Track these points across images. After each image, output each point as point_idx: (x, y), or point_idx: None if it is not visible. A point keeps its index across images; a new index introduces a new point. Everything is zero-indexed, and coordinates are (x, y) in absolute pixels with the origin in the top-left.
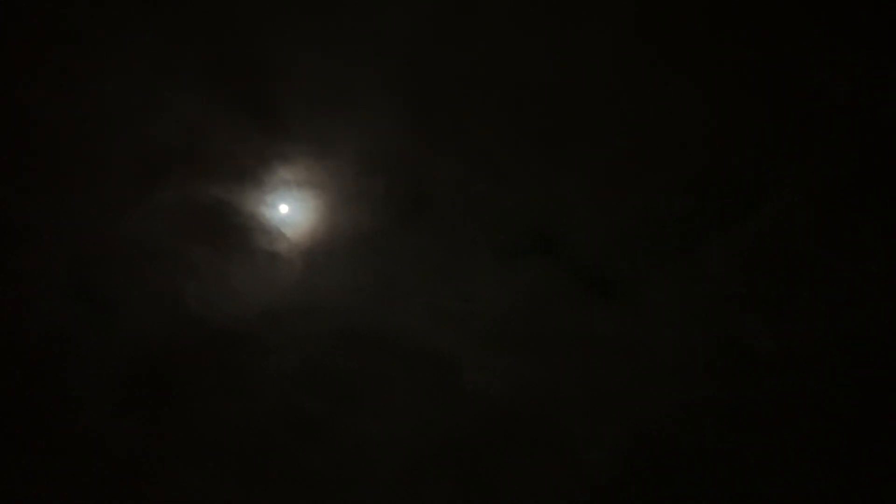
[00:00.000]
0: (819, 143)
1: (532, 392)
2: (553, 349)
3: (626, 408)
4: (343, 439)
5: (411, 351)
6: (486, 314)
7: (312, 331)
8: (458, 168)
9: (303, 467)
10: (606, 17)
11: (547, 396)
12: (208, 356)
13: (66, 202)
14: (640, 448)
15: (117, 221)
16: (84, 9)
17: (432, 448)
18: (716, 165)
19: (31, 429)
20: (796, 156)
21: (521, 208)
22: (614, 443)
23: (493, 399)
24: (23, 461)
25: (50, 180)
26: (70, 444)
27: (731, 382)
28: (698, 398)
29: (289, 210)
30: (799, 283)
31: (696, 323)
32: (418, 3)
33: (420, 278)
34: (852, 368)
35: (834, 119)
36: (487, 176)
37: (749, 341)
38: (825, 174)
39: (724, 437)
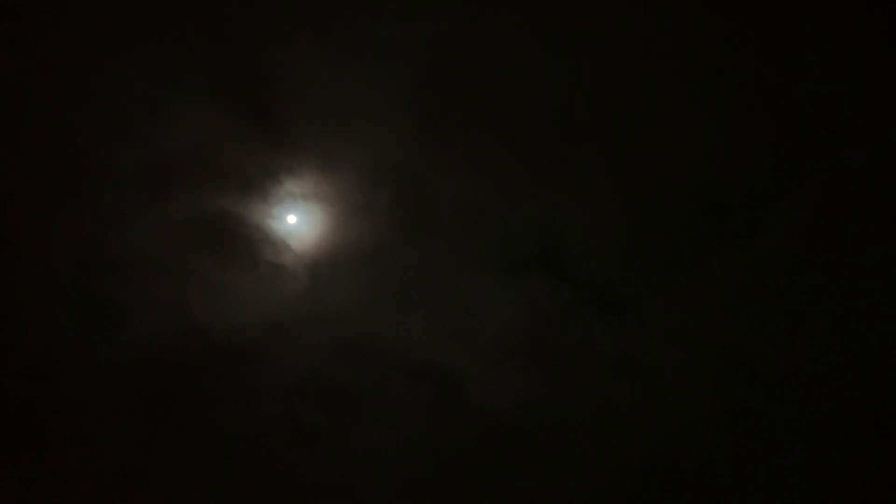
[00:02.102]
0: (823, 163)
1: (534, 406)
2: (556, 364)
3: (628, 422)
4: (345, 451)
5: (414, 364)
6: (489, 328)
7: (316, 342)
8: (463, 184)
9: (304, 478)
10: (612, 38)
11: (549, 410)
12: (211, 366)
13: (72, 211)
14: (643, 462)
15: (124, 231)
16: (94, 22)
17: (434, 460)
18: (720, 185)
19: (31, 435)
20: (800, 175)
21: (525, 224)
22: (616, 457)
23: (495, 412)
24: (23, 467)
25: (57, 190)
26: (71, 452)
27: (733, 399)
28: (700, 414)
29: (295, 222)
30: (802, 302)
31: (699, 340)
32: (426, 22)
33: (424, 292)
34: (854, 386)
35: (838, 139)
36: (492, 191)
37: (752, 358)
38: (828, 194)
39: (726, 452)
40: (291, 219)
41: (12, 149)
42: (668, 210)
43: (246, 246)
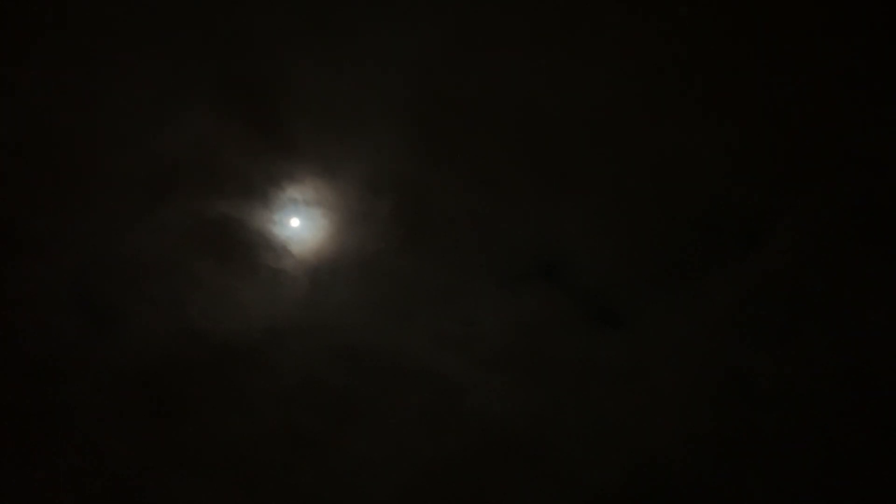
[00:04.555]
0: (822, 178)
1: (532, 417)
2: (554, 374)
3: (626, 436)
4: (342, 458)
5: (413, 372)
6: (488, 338)
7: (315, 349)
8: (464, 192)
9: (301, 485)
10: (616, 51)
11: (547, 421)
12: (210, 371)
13: (73, 214)
14: (640, 476)
15: (124, 234)
16: (94, 25)
17: (431, 470)
18: (721, 197)
19: (30, 439)
20: (800, 189)
21: (525, 233)
22: (614, 470)
23: (493, 422)
24: (21, 471)
25: (58, 192)
26: (68, 455)
27: (732, 413)
28: (699, 428)
29: (295, 228)
30: (802, 316)
31: (699, 353)
32: (428, 28)
33: (423, 300)
34: (855, 401)
35: (838, 155)
36: (492, 200)
37: (751, 372)
38: (829, 207)
39: (725, 467)
40: (292, 225)
41: (12, 152)
42: (669, 224)
43: (246, 251)
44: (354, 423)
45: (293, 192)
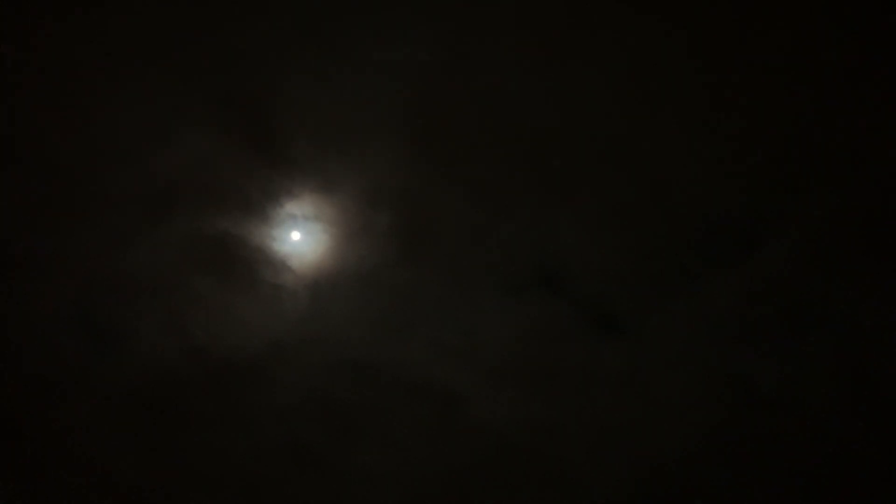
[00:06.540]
0: (821, 181)
1: (536, 426)
2: (556, 383)
3: (629, 442)
4: (345, 471)
5: (414, 384)
6: (488, 348)
7: (316, 363)
8: (462, 204)
9: (304, 498)
10: (611, 60)
11: (550, 430)
12: (211, 387)
13: (74, 233)
14: (644, 482)
15: (124, 253)
16: (94, 45)
17: (435, 481)
18: (720, 203)
19: (33, 456)
20: (799, 194)
21: (524, 244)
22: (618, 477)
23: (495, 432)
24: (24, 489)
25: (58, 212)
26: (71, 473)
27: (734, 418)
28: (702, 433)
29: (294, 243)
30: (803, 320)
31: (700, 359)
32: (424, 43)
33: (423, 312)
34: (856, 404)
35: (836, 158)
36: (491, 212)
37: (751, 378)
38: (828, 212)
39: (730, 472)
40: (291, 240)
41: (11, 171)
42: (668, 230)
43: (246, 267)
44: (356, 436)
45: (292, 207)
